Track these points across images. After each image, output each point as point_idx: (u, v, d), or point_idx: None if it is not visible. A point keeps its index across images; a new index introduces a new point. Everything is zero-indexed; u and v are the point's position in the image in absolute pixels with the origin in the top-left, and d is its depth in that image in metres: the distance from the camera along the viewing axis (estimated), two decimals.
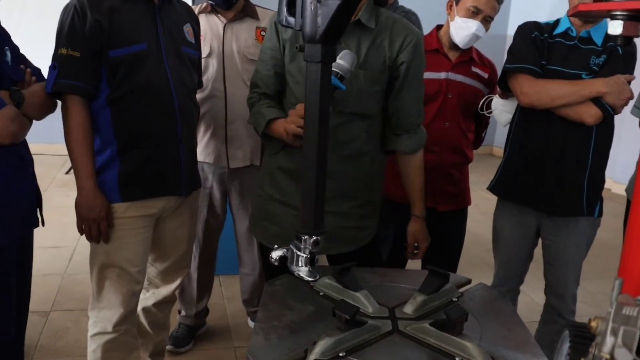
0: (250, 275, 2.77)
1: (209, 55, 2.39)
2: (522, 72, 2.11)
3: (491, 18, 2.25)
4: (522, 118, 2.22)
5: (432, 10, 3.82)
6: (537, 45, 2.13)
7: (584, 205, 2.15)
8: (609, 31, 1.18)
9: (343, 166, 1.76)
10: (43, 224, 1.95)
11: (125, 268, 1.91)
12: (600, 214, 2.20)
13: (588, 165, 2.12)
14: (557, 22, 2.16)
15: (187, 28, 2.00)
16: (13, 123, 1.70)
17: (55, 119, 1.96)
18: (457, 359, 1.16)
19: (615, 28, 1.17)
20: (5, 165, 1.73)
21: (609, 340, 0.76)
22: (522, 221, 2.28)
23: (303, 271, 1.35)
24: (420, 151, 1.90)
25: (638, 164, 2.20)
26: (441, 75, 2.32)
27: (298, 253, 1.35)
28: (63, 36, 1.75)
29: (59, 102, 1.85)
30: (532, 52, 2.12)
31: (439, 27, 2.40)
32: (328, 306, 1.31)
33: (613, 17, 1.18)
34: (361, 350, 1.19)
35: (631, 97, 2.03)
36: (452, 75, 2.33)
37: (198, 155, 2.15)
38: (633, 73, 2.06)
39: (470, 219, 2.59)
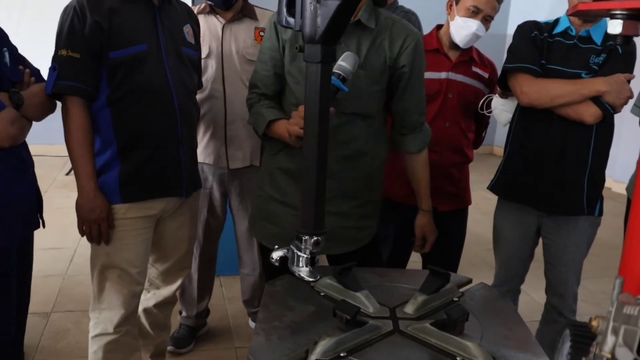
0: (250, 275, 2.77)
1: (208, 56, 2.39)
2: (522, 72, 2.11)
3: (491, 17, 2.25)
4: (522, 117, 2.22)
5: (432, 10, 3.81)
6: (537, 44, 2.13)
7: (584, 204, 2.15)
8: (609, 30, 1.18)
9: (343, 166, 1.76)
10: (44, 226, 1.95)
11: (126, 269, 1.91)
12: (600, 213, 2.20)
13: (588, 164, 2.12)
14: (557, 22, 2.16)
15: (187, 29, 2.00)
16: (13, 126, 1.70)
17: (55, 120, 1.96)
18: (458, 359, 1.16)
19: (614, 27, 1.17)
20: (5, 167, 1.73)
21: (610, 339, 0.76)
22: (523, 220, 2.28)
23: (304, 271, 1.35)
24: (425, 149, 1.93)
25: (638, 163, 2.20)
26: (441, 75, 2.32)
27: (298, 253, 1.35)
28: (63, 37, 1.75)
29: (59, 103, 1.85)
30: (532, 52, 2.12)
31: (439, 27, 2.40)
32: (329, 306, 1.31)
33: (612, 16, 1.18)
34: (362, 350, 1.19)
35: (631, 96, 2.03)
36: (453, 75, 2.33)
37: (198, 156, 2.15)
38: (633, 72, 2.06)
39: (470, 219, 2.59)
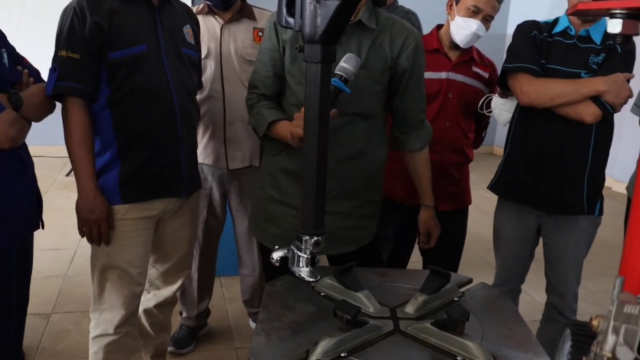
0: (250, 276, 2.77)
1: (207, 56, 2.38)
2: (522, 72, 2.11)
3: (491, 17, 2.25)
4: (522, 117, 2.22)
5: (432, 10, 3.81)
6: (536, 44, 2.13)
7: (585, 203, 2.15)
8: (608, 29, 1.18)
9: (344, 166, 1.76)
10: (43, 227, 1.95)
11: (126, 270, 1.91)
12: (600, 213, 2.20)
13: (588, 163, 2.12)
14: (556, 21, 2.16)
15: (187, 29, 2.00)
16: (12, 127, 1.70)
17: (55, 121, 1.96)
18: (459, 359, 1.16)
19: (614, 26, 1.17)
20: (5, 168, 1.73)
21: (611, 338, 0.76)
22: (523, 220, 2.27)
23: (304, 272, 1.35)
24: (427, 146, 1.94)
25: (638, 162, 2.20)
26: (442, 75, 2.31)
27: (299, 253, 1.35)
28: (63, 38, 1.75)
29: (58, 104, 1.84)
30: (532, 51, 2.12)
31: (439, 27, 2.40)
32: (329, 306, 1.31)
33: (612, 16, 1.18)
34: (363, 350, 1.19)
35: (630, 96, 2.03)
36: (453, 75, 2.32)
37: (197, 156, 2.15)
38: (632, 71, 2.06)
39: (470, 219, 2.59)
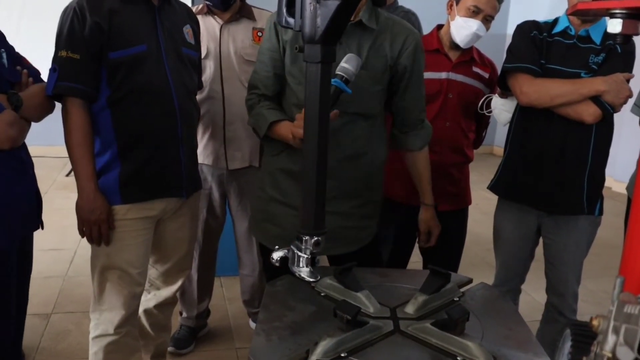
0: (250, 276, 2.77)
1: (206, 56, 2.38)
2: (521, 72, 2.11)
3: (492, 17, 2.25)
4: (522, 117, 2.22)
5: (432, 10, 3.81)
6: (536, 44, 2.13)
7: (585, 203, 2.15)
8: (609, 29, 1.18)
9: (344, 166, 1.76)
10: (42, 227, 1.95)
11: (126, 270, 1.91)
12: (600, 213, 2.20)
13: (588, 163, 2.12)
14: (556, 21, 2.16)
15: (187, 29, 2.00)
16: (12, 128, 1.69)
17: (55, 122, 1.96)
18: (459, 359, 1.16)
19: (614, 26, 1.17)
20: (5, 168, 1.73)
21: (611, 338, 0.76)
22: (523, 220, 2.27)
23: (304, 272, 1.35)
24: (427, 146, 1.95)
25: (638, 162, 2.20)
26: (442, 75, 2.31)
27: (299, 254, 1.35)
28: (62, 39, 1.75)
29: (57, 104, 1.84)
30: (531, 51, 2.12)
31: (440, 27, 2.40)
32: (329, 307, 1.31)
33: (612, 16, 1.18)
34: (363, 350, 1.19)
35: (630, 96, 2.03)
36: (453, 75, 2.32)
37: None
38: (632, 71, 2.06)
39: (470, 219, 2.59)
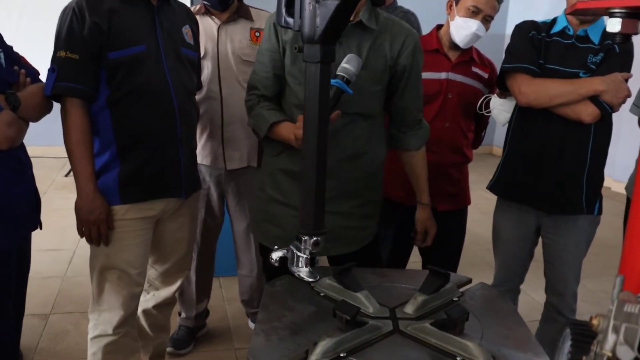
0: (248, 276, 2.76)
1: (204, 57, 2.37)
2: (520, 72, 2.11)
3: (491, 17, 2.25)
4: (521, 117, 2.22)
5: (432, 10, 3.82)
6: (535, 44, 2.13)
7: (584, 203, 2.15)
8: (608, 29, 1.18)
9: (344, 166, 1.76)
10: (41, 227, 1.95)
11: (125, 270, 1.91)
12: (599, 212, 2.20)
13: (587, 163, 2.12)
14: (554, 21, 2.16)
15: (186, 29, 1.99)
16: (10, 128, 1.69)
17: (54, 122, 1.95)
18: (459, 359, 1.16)
19: (613, 25, 1.17)
20: (3, 168, 1.73)
21: (611, 337, 0.76)
22: (522, 220, 2.28)
23: (303, 272, 1.35)
24: (424, 146, 1.95)
25: (637, 162, 2.20)
26: (441, 75, 2.31)
27: (298, 254, 1.34)
28: (62, 39, 1.75)
29: (56, 104, 1.84)
30: (530, 52, 2.12)
31: (439, 27, 2.40)
32: (328, 307, 1.31)
33: (611, 15, 1.18)
34: (362, 350, 1.19)
35: (629, 95, 2.03)
36: (452, 75, 2.32)
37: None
38: (630, 71, 2.06)
39: (470, 219, 2.59)
